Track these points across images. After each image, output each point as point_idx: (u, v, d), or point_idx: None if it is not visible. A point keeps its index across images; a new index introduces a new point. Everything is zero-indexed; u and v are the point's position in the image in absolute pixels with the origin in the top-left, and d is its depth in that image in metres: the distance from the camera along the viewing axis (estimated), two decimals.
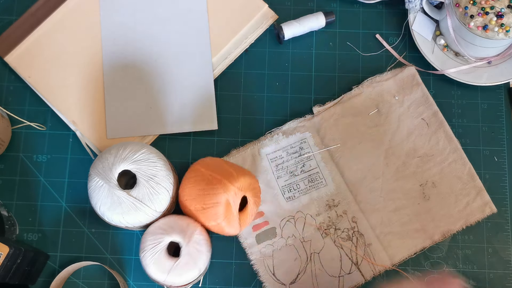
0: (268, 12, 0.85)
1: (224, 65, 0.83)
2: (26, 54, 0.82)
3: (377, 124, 0.81)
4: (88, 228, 0.78)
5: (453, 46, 0.82)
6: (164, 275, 0.70)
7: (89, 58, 0.82)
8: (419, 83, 0.82)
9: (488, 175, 0.81)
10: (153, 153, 0.72)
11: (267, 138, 0.81)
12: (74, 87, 0.81)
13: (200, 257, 0.70)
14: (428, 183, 0.79)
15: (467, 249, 0.78)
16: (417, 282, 0.70)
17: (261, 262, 0.77)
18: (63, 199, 0.79)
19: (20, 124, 0.81)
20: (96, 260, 0.77)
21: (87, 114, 0.80)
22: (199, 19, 0.83)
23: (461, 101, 0.83)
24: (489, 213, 0.79)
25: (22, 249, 0.69)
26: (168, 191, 0.71)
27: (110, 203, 0.69)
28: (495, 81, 0.82)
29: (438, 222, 0.78)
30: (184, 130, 0.80)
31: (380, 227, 0.78)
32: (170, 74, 0.82)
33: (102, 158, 0.71)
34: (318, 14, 0.84)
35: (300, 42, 0.85)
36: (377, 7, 0.86)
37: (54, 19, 0.83)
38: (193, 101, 0.81)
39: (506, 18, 0.75)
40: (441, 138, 0.81)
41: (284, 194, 0.79)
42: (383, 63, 0.84)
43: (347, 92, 0.82)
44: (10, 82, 0.83)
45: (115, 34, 0.83)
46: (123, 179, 0.77)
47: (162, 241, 0.70)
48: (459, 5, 0.76)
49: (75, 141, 0.81)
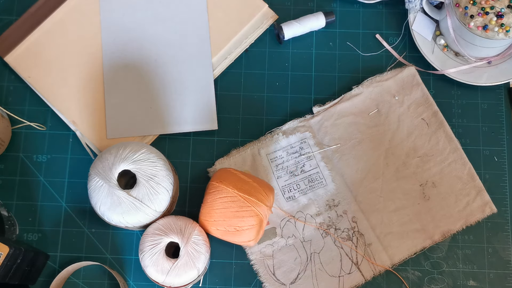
0: (268, 12, 0.85)
1: (224, 65, 0.83)
2: (26, 54, 0.82)
3: (377, 124, 0.81)
4: (88, 228, 0.79)
5: (453, 46, 0.82)
6: (163, 276, 0.70)
7: (89, 58, 0.82)
8: (419, 83, 0.82)
9: (488, 175, 0.81)
10: (153, 153, 0.72)
11: (267, 138, 0.81)
12: (74, 87, 0.81)
13: (198, 258, 0.70)
14: (428, 183, 0.79)
15: (467, 249, 0.78)
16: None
17: (261, 262, 0.77)
18: (63, 199, 0.79)
19: (20, 124, 0.81)
20: (96, 260, 0.77)
21: (87, 114, 0.80)
22: (199, 19, 0.83)
23: (461, 101, 0.83)
24: (489, 213, 0.79)
25: (22, 249, 0.69)
26: (168, 191, 0.71)
27: (110, 203, 0.69)
28: (495, 81, 0.82)
29: (438, 222, 0.78)
30: (184, 130, 0.80)
31: (380, 227, 0.78)
32: (170, 74, 0.82)
33: (102, 158, 0.71)
34: (318, 14, 0.84)
35: (300, 42, 0.85)
36: (377, 7, 0.86)
37: (54, 19, 0.83)
38: (193, 101, 0.81)
39: (506, 18, 0.75)
40: (441, 138, 0.81)
41: (284, 194, 0.79)
42: (383, 63, 0.84)
43: (347, 92, 0.82)
44: (10, 82, 0.83)
45: (115, 34, 0.83)
46: (123, 179, 0.77)
47: (160, 242, 0.70)
48: (459, 5, 0.76)
49: (75, 141, 0.81)
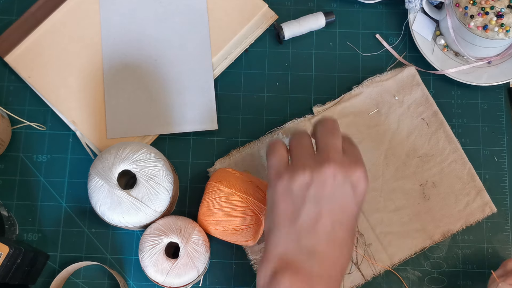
0: (268, 12, 0.85)
1: (224, 65, 0.83)
2: (26, 54, 0.82)
3: (377, 124, 0.81)
4: (88, 228, 0.79)
5: (453, 46, 0.82)
6: (163, 276, 0.70)
7: (89, 58, 0.82)
8: (419, 83, 0.82)
9: (488, 175, 0.81)
10: (153, 153, 0.72)
11: (267, 138, 0.81)
12: (74, 87, 0.81)
13: (198, 258, 0.70)
14: (428, 183, 0.79)
15: (467, 249, 0.78)
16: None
17: None
18: (63, 199, 0.79)
19: (20, 124, 0.81)
20: (96, 260, 0.77)
21: (87, 114, 0.80)
22: (199, 19, 0.83)
23: (461, 101, 0.83)
24: (489, 213, 0.79)
25: (22, 249, 0.69)
26: (168, 191, 0.71)
27: (110, 203, 0.69)
28: (495, 81, 0.82)
29: (438, 222, 0.78)
30: (184, 130, 0.80)
31: (380, 227, 0.78)
32: (170, 74, 0.82)
33: (102, 158, 0.71)
34: (318, 14, 0.84)
35: (300, 42, 0.85)
36: (377, 7, 0.86)
37: (54, 19, 0.83)
38: (193, 101, 0.81)
39: (506, 18, 0.75)
40: (441, 138, 0.81)
41: None
42: (383, 63, 0.84)
43: (347, 92, 0.82)
44: (10, 82, 0.83)
45: (115, 34, 0.83)
46: (123, 179, 0.77)
47: (160, 242, 0.70)
48: (459, 5, 0.76)
49: (75, 141, 0.81)
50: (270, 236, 0.63)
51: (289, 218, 0.62)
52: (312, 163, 0.62)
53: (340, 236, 0.62)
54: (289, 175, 0.62)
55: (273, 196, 0.63)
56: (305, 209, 0.61)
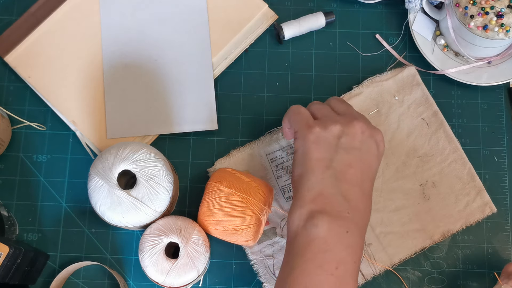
0: (268, 12, 0.85)
1: (224, 65, 0.83)
2: (26, 54, 0.82)
3: (377, 124, 0.81)
4: (88, 228, 0.79)
5: (453, 46, 0.82)
6: (163, 276, 0.70)
7: (89, 58, 0.82)
8: (419, 83, 0.82)
9: (488, 175, 0.81)
10: (153, 153, 0.72)
11: (267, 138, 0.81)
12: (74, 87, 0.81)
13: (198, 258, 0.70)
14: (428, 183, 0.79)
15: (467, 249, 0.78)
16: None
17: (261, 262, 0.77)
18: (63, 199, 0.79)
19: (20, 124, 0.81)
20: (96, 260, 0.77)
21: (87, 114, 0.80)
22: (199, 19, 0.83)
23: (461, 101, 0.83)
24: (489, 213, 0.79)
25: (22, 249, 0.69)
26: (168, 191, 0.71)
27: (110, 203, 0.69)
28: (495, 81, 0.82)
29: (438, 222, 0.78)
30: (184, 130, 0.80)
31: (380, 227, 0.78)
32: (170, 74, 0.82)
33: (102, 158, 0.71)
34: (318, 14, 0.84)
35: (300, 42, 0.85)
36: (377, 7, 0.86)
37: (54, 19, 0.83)
38: (193, 101, 0.81)
39: (506, 18, 0.75)
40: (441, 138, 0.81)
41: (284, 194, 0.79)
42: (383, 63, 0.84)
43: (347, 92, 0.82)
44: (10, 82, 0.83)
45: (115, 34, 0.83)
46: (123, 179, 0.77)
47: (160, 243, 0.70)
48: (459, 5, 0.76)
49: (75, 141, 0.81)
50: (303, 181, 0.65)
51: (324, 163, 0.65)
52: (341, 119, 0.68)
53: (367, 188, 0.66)
54: (321, 126, 0.67)
55: (304, 145, 0.66)
56: (338, 156, 0.65)
